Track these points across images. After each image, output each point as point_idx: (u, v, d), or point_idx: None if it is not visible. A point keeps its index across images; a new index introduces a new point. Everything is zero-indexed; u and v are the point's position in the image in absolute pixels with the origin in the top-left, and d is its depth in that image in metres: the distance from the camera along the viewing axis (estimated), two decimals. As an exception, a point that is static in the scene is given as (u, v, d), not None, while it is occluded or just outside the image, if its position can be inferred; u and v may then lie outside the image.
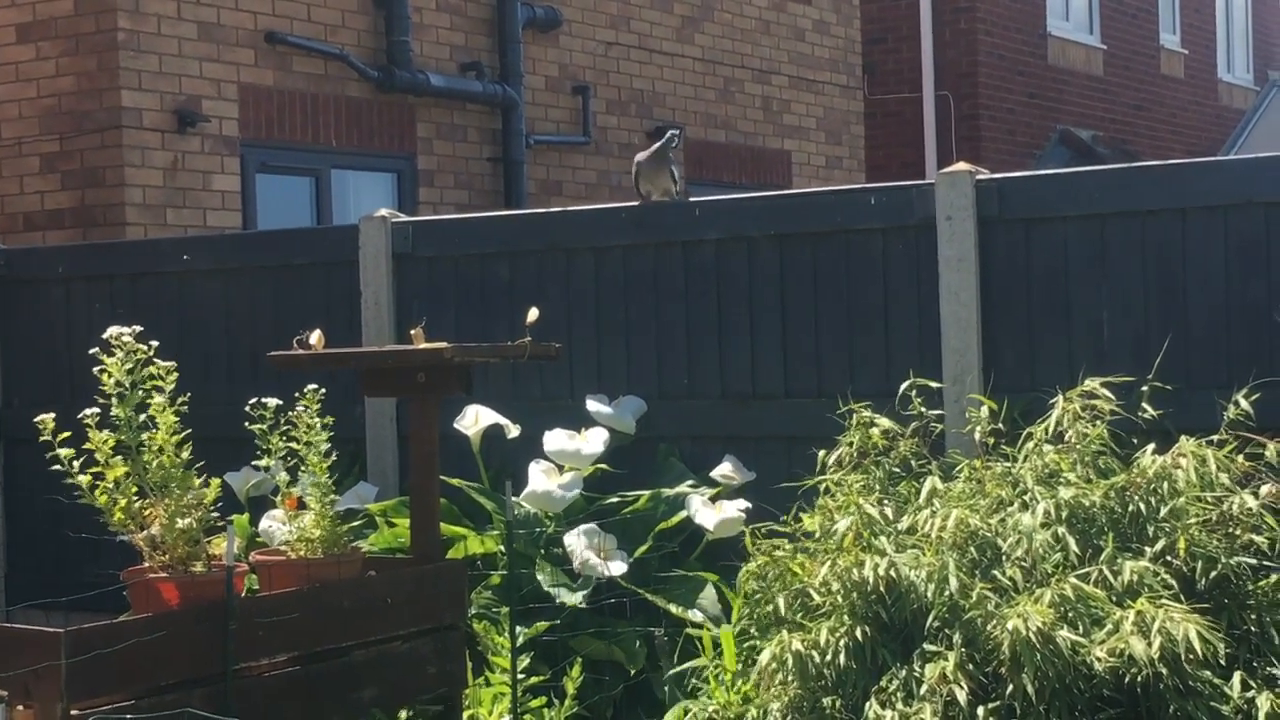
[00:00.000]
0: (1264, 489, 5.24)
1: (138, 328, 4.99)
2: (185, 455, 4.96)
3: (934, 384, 6.27)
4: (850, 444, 5.88)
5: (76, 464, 4.86)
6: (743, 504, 6.67)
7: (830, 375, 6.84)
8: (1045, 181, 6.72)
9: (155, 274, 8.45)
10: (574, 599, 6.47)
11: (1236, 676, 4.83)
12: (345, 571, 5.20)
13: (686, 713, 5.71)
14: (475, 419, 7.15)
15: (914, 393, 6.00)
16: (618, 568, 6.55)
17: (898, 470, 5.88)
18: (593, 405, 7.11)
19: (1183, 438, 5.40)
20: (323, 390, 5.41)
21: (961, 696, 4.84)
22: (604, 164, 13.10)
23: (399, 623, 5.23)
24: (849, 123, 15.83)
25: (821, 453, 5.93)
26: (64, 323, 8.62)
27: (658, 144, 7.41)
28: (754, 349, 7.04)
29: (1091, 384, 5.60)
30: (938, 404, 6.23)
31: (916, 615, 5.13)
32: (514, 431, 7.14)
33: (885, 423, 5.91)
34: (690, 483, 6.92)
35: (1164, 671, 4.74)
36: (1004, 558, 5.22)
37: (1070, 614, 4.92)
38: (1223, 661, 4.82)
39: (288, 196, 11.04)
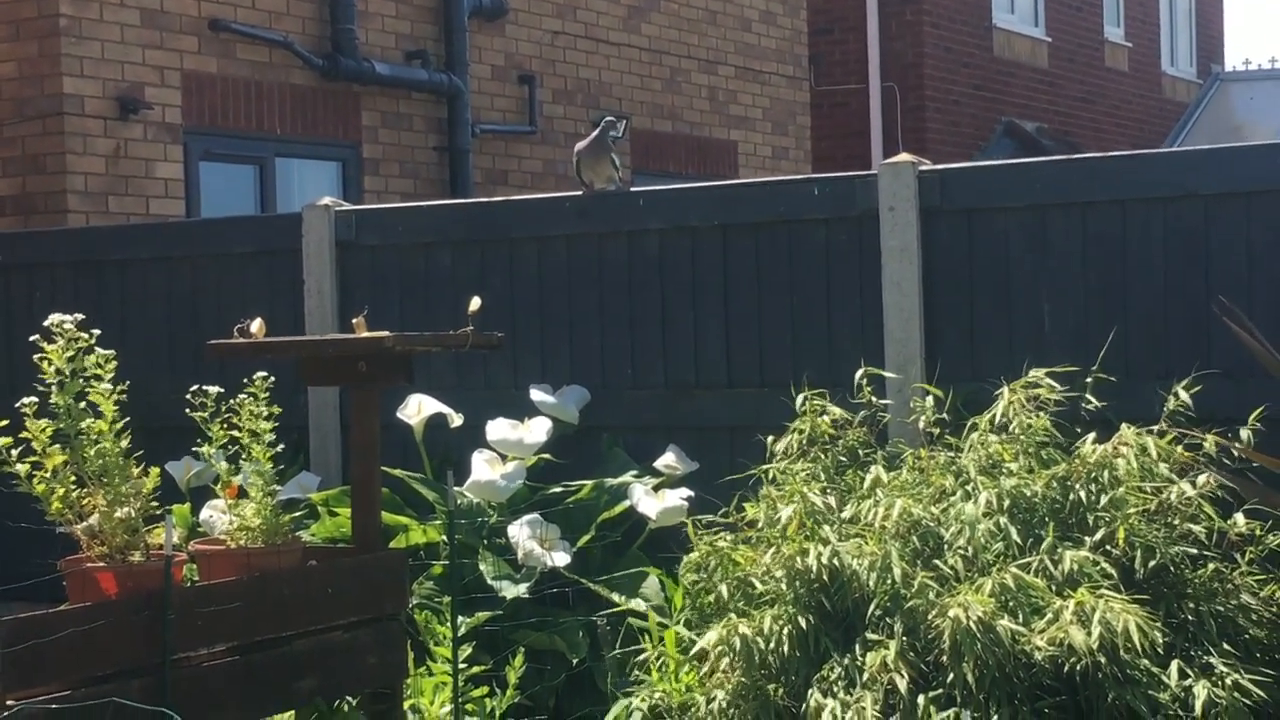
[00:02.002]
0: (1201, 479, 5.28)
1: (79, 315, 4.95)
2: (124, 444, 4.93)
3: (888, 374, 6.30)
4: (800, 431, 5.89)
5: (14, 453, 4.82)
6: (685, 493, 6.68)
7: (773, 365, 6.85)
8: (987, 173, 6.74)
9: (97, 262, 8.40)
10: (517, 590, 6.47)
11: (1174, 665, 4.87)
12: (285, 561, 5.17)
13: (630, 708, 5.71)
14: (418, 408, 7.13)
15: (865, 381, 6.03)
16: (561, 558, 6.55)
17: (844, 459, 5.90)
18: (536, 395, 7.10)
19: (1123, 427, 5.44)
20: (271, 379, 5.38)
21: (902, 685, 4.86)
22: (550, 153, 13.08)
23: (340, 612, 5.21)
24: (795, 113, 15.85)
25: (770, 439, 5.94)
26: (3, 311, 8.55)
27: (596, 132, 7.41)
28: (697, 339, 7.05)
29: (1036, 374, 5.63)
30: (880, 394, 6.25)
31: (859, 604, 5.16)
32: (457, 421, 7.12)
33: (836, 411, 5.93)
34: (633, 473, 6.93)
35: (1103, 661, 4.78)
36: (946, 547, 5.24)
37: (1011, 603, 4.95)
38: (1160, 650, 4.86)
39: (231, 184, 10.98)
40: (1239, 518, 5.31)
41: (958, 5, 18.35)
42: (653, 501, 6.69)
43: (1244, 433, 5.47)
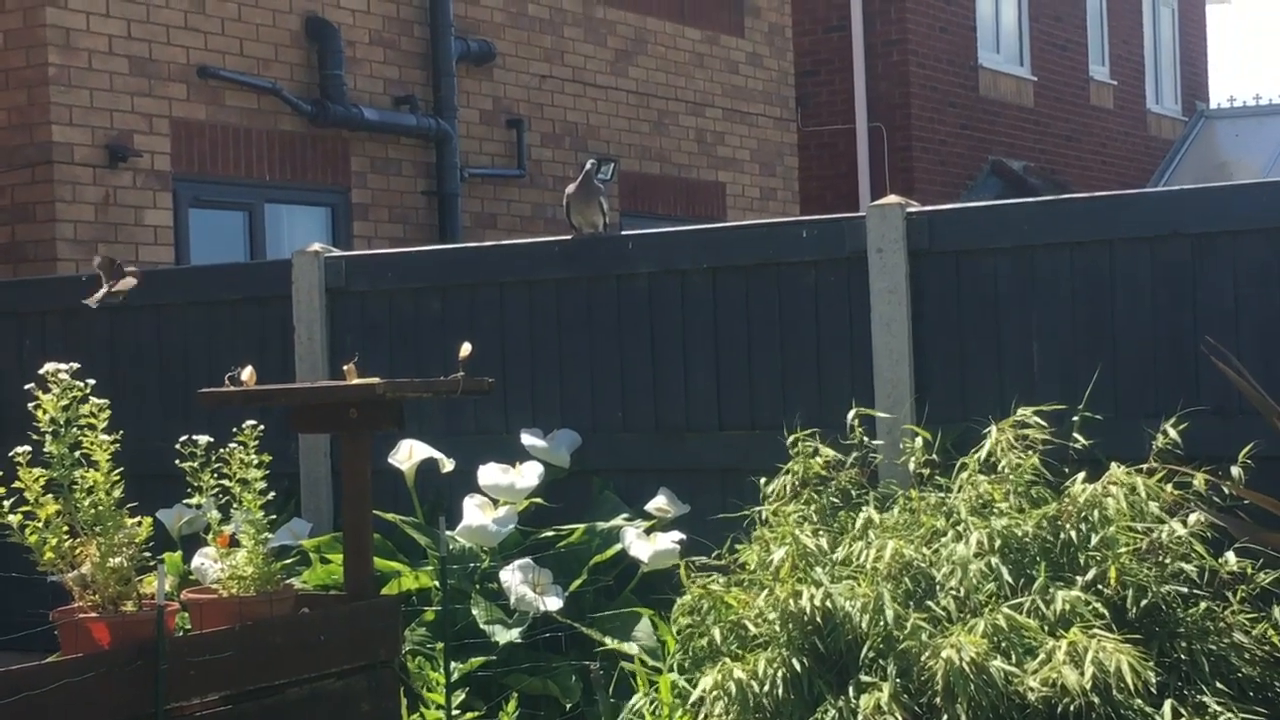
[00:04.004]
0: (1192, 517, 5.29)
1: (75, 365, 4.96)
2: (118, 494, 4.92)
3: (880, 414, 6.31)
4: (794, 472, 5.90)
5: (7, 504, 4.81)
6: (677, 536, 6.68)
7: (764, 408, 6.86)
8: (975, 214, 6.77)
9: (87, 310, 8.38)
10: (510, 635, 6.46)
11: (1167, 705, 4.87)
12: (278, 609, 5.16)
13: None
14: (409, 453, 7.13)
15: (856, 422, 6.04)
16: (553, 603, 6.54)
17: (836, 500, 5.90)
18: (527, 439, 7.10)
19: (1113, 466, 5.45)
20: (261, 426, 5.38)
21: (896, 727, 4.86)
22: (539, 197, 13.11)
23: (332, 660, 5.20)
24: (783, 154, 15.90)
25: (763, 480, 5.95)
26: (-6, 360, 8.56)
27: (581, 176, 7.43)
28: (688, 382, 7.06)
29: (1024, 413, 5.64)
30: (871, 434, 6.26)
31: (852, 646, 5.16)
32: (448, 466, 7.12)
33: (829, 452, 5.94)
34: (625, 516, 6.93)
35: (1096, 701, 4.78)
36: (938, 588, 5.25)
37: (1003, 644, 4.95)
38: (1154, 690, 4.86)
39: (221, 231, 10.99)
40: (1230, 556, 5.32)
41: (943, 46, 18.43)
42: (645, 545, 6.69)
43: (1235, 470, 5.48)
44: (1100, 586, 5.16)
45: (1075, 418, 5.82)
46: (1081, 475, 5.46)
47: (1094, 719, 4.80)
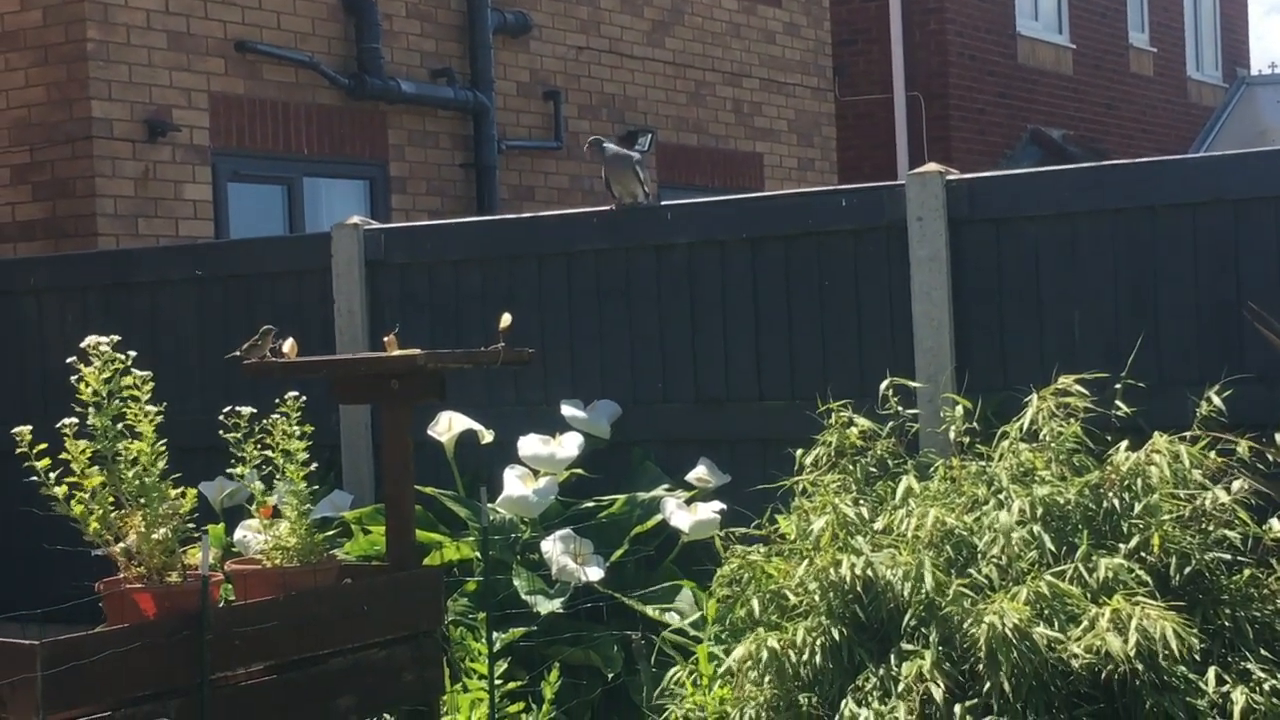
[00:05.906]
0: (1236, 484, 5.26)
1: (116, 337, 4.98)
2: (161, 465, 4.95)
3: (915, 384, 6.29)
4: (828, 443, 5.89)
5: (52, 475, 4.84)
6: (718, 506, 6.68)
7: (804, 378, 6.85)
8: (1015, 181, 6.74)
9: (128, 284, 8.43)
10: (551, 605, 6.47)
11: (1211, 671, 4.86)
12: (321, 580, 5.19)
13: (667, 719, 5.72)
14: (449, 425, 7.15)
15: (891, 392, 6.03)
16: (594, 573, 6.56)
17: (874, 470, 5.89)
18: (567, 410, 7.11)
19: (1155, 434, 5.42)
20: (303, 398, 5.40)
21: (938, 694, 4.86)
22: (576, 168, 13.11)
23: (375, 630, 5.22)
24: (820, 124, 15.86)
25: (799, 452, 5.94)
26: (36, 334, 8.60)
27: (615, 147, 7.43)
28: (727, 352, 7.05)
29: (1065, 381, 5.62)
30: (911, 404, 6.25)
31: (893, 614, 5.15)
32: (488, 437, 7.13)
33: (864, 422, 5.93)
34: (665, 486, 6.93)
35: (1140, 668, 4.77)
36: (980, 556, 5.24)
37: (1046, 611, 4.94)
38: (1198, 657, 4.84)
39: (260, 205, 11.03)
40: (1274, 523, 5.29)
41: (981, 13, 18.34)
42: (685, 515, 6.69)
43: (1279, 437, 5.45)
44: (1143, 554, 5.14)
45: (1117, 385, 5.80)
46: (1124, 443, 5.43)
47: (1138, 685, 4.79)
